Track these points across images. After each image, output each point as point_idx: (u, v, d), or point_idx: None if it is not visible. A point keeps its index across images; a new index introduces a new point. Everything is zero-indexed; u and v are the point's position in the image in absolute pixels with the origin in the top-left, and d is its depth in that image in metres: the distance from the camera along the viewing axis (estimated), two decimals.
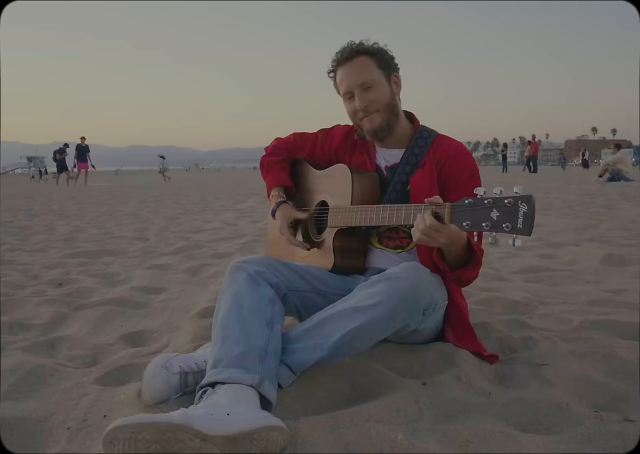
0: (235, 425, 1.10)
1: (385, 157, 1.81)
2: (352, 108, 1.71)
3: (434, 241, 1.38)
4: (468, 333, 1.72)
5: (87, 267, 3.45)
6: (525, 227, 1.21)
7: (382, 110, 1.69)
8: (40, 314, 2.29)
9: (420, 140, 1.76)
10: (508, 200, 1.23)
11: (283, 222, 1.83)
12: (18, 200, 11.92)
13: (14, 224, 6.29)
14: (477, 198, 1.29)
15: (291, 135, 2.03)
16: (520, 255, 3.53)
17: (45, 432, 1.31)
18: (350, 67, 1.69)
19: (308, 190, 1.95)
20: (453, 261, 1.54)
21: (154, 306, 2.45)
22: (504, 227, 1.23)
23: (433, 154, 1.73)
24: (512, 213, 1.22)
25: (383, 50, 1.72)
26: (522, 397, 1.39)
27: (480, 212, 1.27)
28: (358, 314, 1.41)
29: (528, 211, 1.21)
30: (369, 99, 1.67)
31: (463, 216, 1.30)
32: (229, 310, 1.44)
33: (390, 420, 1.28)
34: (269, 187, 1.96)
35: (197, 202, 9.41)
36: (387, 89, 1.70)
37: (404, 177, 1.73)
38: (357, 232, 1.75)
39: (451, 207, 1.33)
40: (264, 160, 2.02)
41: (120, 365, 1.69)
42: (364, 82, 1.66)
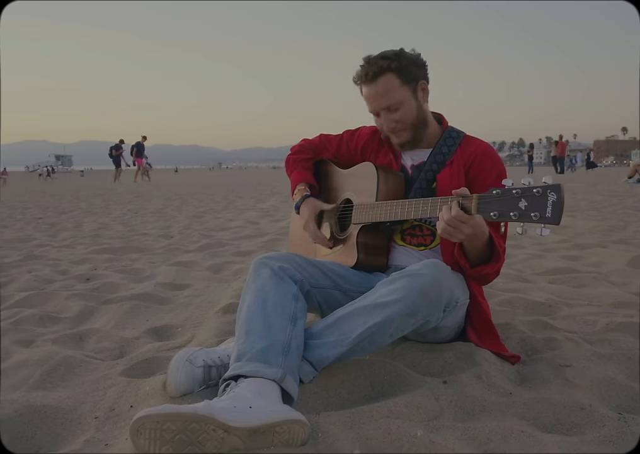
0: (258, 417, 1.12)
1: (412, 156, 1.81)
2: (379, 124, 1.75)
3: (459, 232, 1.38)
4: (490, 332, 1.72)
5: (113, 262, 3.52)
6: (554, 216, 1.22)
7: (408, 128, 1.71)
8: (68, 308, 2.36)
9: (448, 140, 1.76)
10: (536, 189, 1.24)
11: (310, 215, 1.82)
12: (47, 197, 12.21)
13: (44, 221, 6.45)
14: (504, 189, 1.29)
15: (317, 137, 2.05)
16: (544, 256, 3.49)
17: (74, 420, 1.35)
18: (375, 88, 1.66)
19: (332, 188, 1.96)
20: (474, 257, 1.54)
21: (178, 302, 2.49)
22: (533, 216, 1.23)
23: (461, 154, 1.74)
24: (541, 202, 1.23)
25: (409, 59, 1.67)
26: (544, 397, 1.38)
27: (508, 202, 1.28)
28: (378, 310, 1.42)
29: (557, 200, 1.21)
30: (395, 120, 1.69)
31: (490, 206, 1.31)
32: (253, 305, 1.46)
33: (411, 417, 1.29)
34: (294, 183, 1.96)
35: (220, 201, 9.50)
36: (413, 105, 1.69)
37: (431, 175, 1.73)
38: (381, 229, 1.76)
39: (479, 198, 1.34)
40: (290, 158, 2.03)
41: (145, 358, 1.73)
42: (388, 105, 1.67)
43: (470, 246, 1.50)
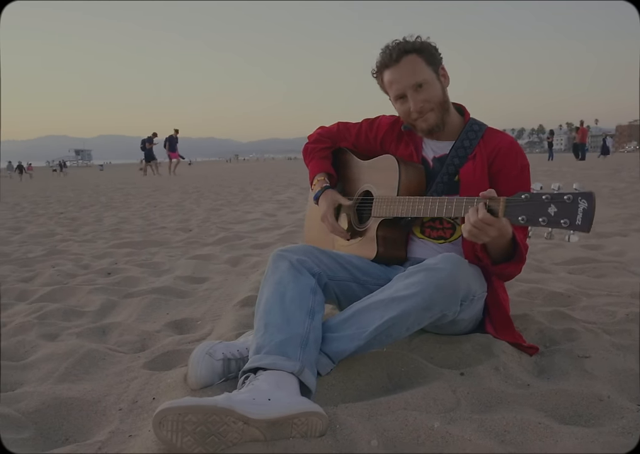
0: (276, 410, 1.14)
1: (433, 148, 1.79)
2: (405, 109, 1.69)
3: (485, 235, 1.37)
4: (507, 326, 1.71)
5: (133, 256, 3.58)
6: (584, 224, 1.20)
7: (435, 109, 1.68)
8: (91, 302, 2.41)
9: (470, 133, 1.74)
10: (567, 196, 1.22)
11: (329, 207, 1.83)
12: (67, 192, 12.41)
13: (65, 216, 6.57)
14: (533, 194, 1.27)
15: (335, 125, 2.03)
16: (564, 246, 3.45)
17: (99, 412, 1.39)
18: (400, 68, 1.65)
19: (351, 179, 1.95)
20: (496, 255, 1.54)
21: (197, 295, 2.53)
22: (562, 223, 1.22)
23: (484, 147, 1.72)
24: (571, 209, 1.21)
25: (428, 44, 1.68)
26: (562, 389, 1.38)
27: (537, 207, 1.26)
28: (394, 304, 1.43)
29: (588, 208, 1.19)
30: (423, 99, 1.65)
31: (518, 211, 1.29)
32: (272, 298, 1.47)
33: (428, 409, 1.30)
34: (313, 173, 1.95)
35: (237, 193, 9.55)
36: (438, 86, 1.68)
37: (452, 169, 1.72)
38: (402, 223, 1.76)
39: (506, 201, 1.32)
40: (308, 146, 2.02)
41: (166, 351, 1.77)
42: (416, 83, 1.64)
43: (493, 244, 1.50)
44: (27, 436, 1.28)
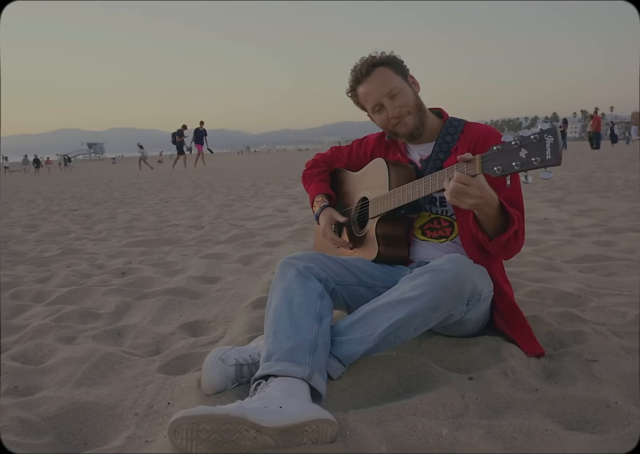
0: (288, 417, 1.18)
1: (418, 151, 1.87)
2: (384, 118, 1.78)
3: (467, 196, 1.39)
4: (516, 317, 1.73)
5: (147, 256, 3.64)
6: (554, 156, 1.25)
7: (412, 112, 1.76)
8: (106, 304, 2.46)
9: (450, 129, 1.81)
10: (533, 136, 1.27)
11: (326, 224, 1.93)
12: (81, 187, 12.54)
13: (79, 212, 6.66)
14: (504, 144, 1.32)
15: (329, 150, 2.18)
16: (575, 242, 3.44)
17: (116, 417, 1.43)
18: (372, 80, 1.75)
19: (348, 192, 2.04)
20: (490, 228, 1.56)
21: (210, 296, 2.57)
22: (534, 161, 1.27)
23: (464, 139, 1.79)
24: (539, 147, 1.26)
25: (394, 56, 1.78)
26: (569, 394, 1.39)
27: (509, 155, 1.31)
28: (401, 306, 1.46)
29: (554, 142, 1.25)
30: (399, 105, 1.74)
31: (493, 163, 1.34)
32: (280, 305, 1.51)
33: (436, 415, 1.32)
34: (312, 196, 2.07)
35: (249, 188, 9.60)
36: (411, 91, 1.78)
37: (438, 164, 1.78)
38: (397, 218, 1.80)
39: (481, 157, 1.37)
40: (306, 173, 2.16)
41: (180, 354, 1.81)
42: (390, 90, 1.73)
43: (483, 216, 1.52)
44: (47, 441, 1.32)
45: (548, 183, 7.45)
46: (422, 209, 1.81)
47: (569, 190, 6.65)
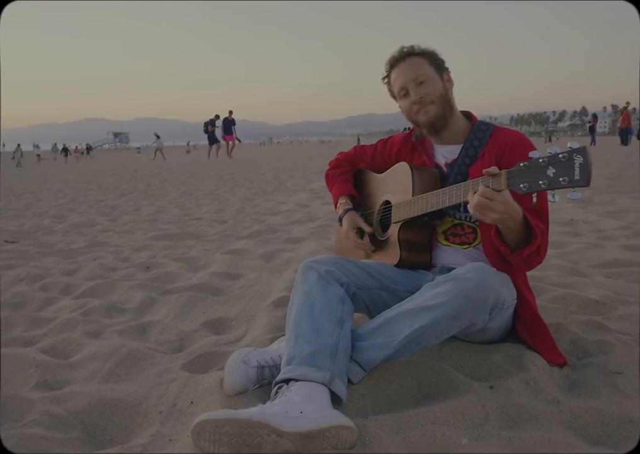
0: (308, 423, 1.19)
1: (444, 154, 1.85)
2: (407, 103, 1.78)
3: (490, 210, 1.38)
4: (538, 326, 1.72)
5: (170, 250, 3.69)
6: (582, 177, 1.23)
7: (436, 102, 1.75)
8: (131, 298, 2.51)
9: (478, 133, 1.79)
10: (562, 155, 1.25)
11: (349, 228, 1.93)
12: (107, 177, 12.74)
13: (105, 204, 6.77)
14: (531, 160, 1.31)
15: (352, 149, 2.16)
16: (602, 246, 3.38)
17: (141, 414, 1.47)
18: (404, 65, 1.77)
19: (372, 194, 2.04)
20: (513, 241, 1.54)
21: (232, 293, 2.60)
22: (562, 181, 1.25)
23: (492, 145, 1.76)
24: (568, 167, 1.24)
25: (434, 51, 1.79)
26: (592, 407, 1.38)
27: (536, 172, 1.29)
28: (423, 313, 1.46)
29: (583, 162, 1.23)
30: (423, 92, 1.74)
31: (519, 179, 1.33)
32: (301, 309, 1.52)
33: (456, 424, 1.32)
34: (335, 197, 2.07)
35: (271, 181, 9.63)
36: (440, 83, 1.77)
37: (464, 169, 1.76)
38: (420, 224, 1.79)
39: (508, 173, 1.35)
40: (329, 173, 2.15)
41: (203, 352, 1.84)
42: (417, 77, 1.74)
43: (506, 229, 1.50)
44: (75, 435, 1.37)
45: None
46: (446, 214, 1.80)
47: (597, 189, 6.51)
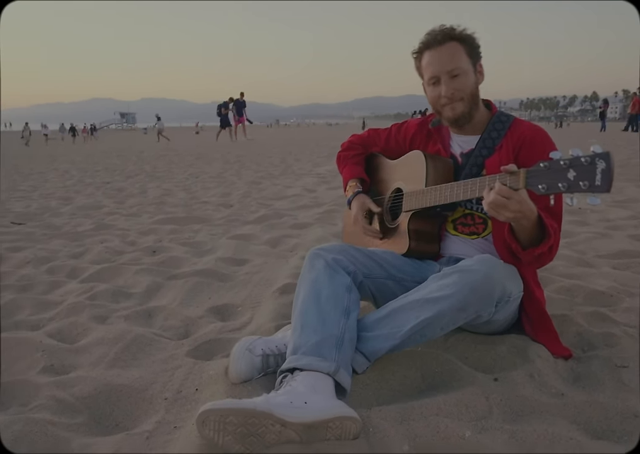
0: (312, 413, 1.20)
1: (460, 144, 1.81)
2: (436, 93, 1.71)
3: (505, 209, 1.37)
4: (544, 322, 1.71)
5: (177, 234, 3.69)
6: (604, 183, 1.20)
7: (465, 99, 1.69)
8: (137, 283, 2.52)
9: (497, 124, 1.75)
10: (584, 158, 1.22)
11: (358, 211, 1.90)
12: (113, 158, 12.73)
13: (112, 186, 6.77)
14: (552, 161, 1.28)
15: (366, 131, 2.11)
16: (610, 236, 3.35)
17: (146, 400, 1.48)
18: (441, 51, 1.67)
19: (383, 180, 2.00)
20: (525, 239, 1.53)
21: (238, 279, 2.60)
22: (582, 185, 1.22)
23: (510, 137, 1.72)
24: (589, 171, 1.21)
25: (473, 38, 1.69)
26: (596, 401, 1.38)
27: (556, 174, 1.27)
28: (429, 305, 1.46)
29: (606, 168, 1.20)
30: (455, 87, 1.67)
31: (538, 180, 1.30)
32: (308, 297, 1.52)
33: (460, 416, 1.33)
34: (345, 180, 2.03)
35: (278, 165, 9.60)
36: (473, 78, 1.70)
37: (480, 160, 1.73)
38: (431, 214, 1.77)
39: (526, 172, 1.33)
40: (341, 154, 2.11)
41: (208, 339, 1.85)
42: (453, 69, 1.65)
43: (519, 227, 1.49)
44: (81, 420, 1.39)
45: None
46: (458, 205, 1.78)
47: None
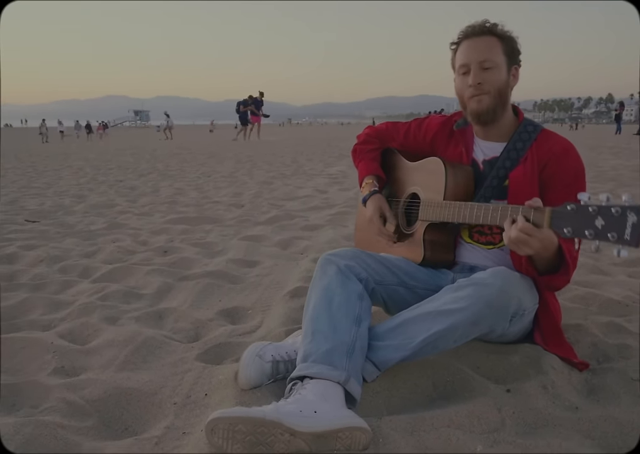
0: (322, 423, 1.19)
1: (484, 149, 1.75)
2: (464, 83, 1.65)
3: (526, 246, 1.34)
4: (557, 336, 1.68)
5: (188, 234, 3.70)
6: (633, 238, 1.16)
7: (492, 93, 1.63)
8: (149, 284, 2.52)
9: (524, 134, 1.69)
10: (615, 208, 1.17)
11: (375, 212, 1.85)
12: (127, 156, 12.81)
13: (124, 184, 6.81)
14: (580, 205, 1.24)
15: (384, 124, 2.03)
16: None
17: (156, 404, 1.47)
18: (477, 42, 1.63)
19: (399, 180, 1.95)
20: (542, 267, 1.51)
21: (248, 281, 2.60)
22: (610, 236, 1.18)
23: (537, 150, 1.67)
24: (619, 222, 1.17)
25: (513, 39, 1.65)
26: (611, 415, 1.35)
27: (583, 219, 1.22)
28: (442, 317, 1.43)
29: (637, 221, 1.15)
30: (484, 78, 1.62)
31: (564, 222, 1.26)
32: (319, 304, 1.51)
33: (471, 428, 1.31)
34: (361, 175, 1.97)
35: (289, 164, 9.60)
36: (505, 75, 1.64)
37: (503, 172, 1.68)
38: (449, 227, 1.74)
39: (552, 212, 1.29)
40: (357, 148, 2.03)
41: (218, 342, 1.84)
42: (485, 60, 1.61)
43: (537, 256, 1.46)
44: (90, 424, 1.38)
45: (599, 173, 7.16)
46: None
47: (621, 181, 6.37)
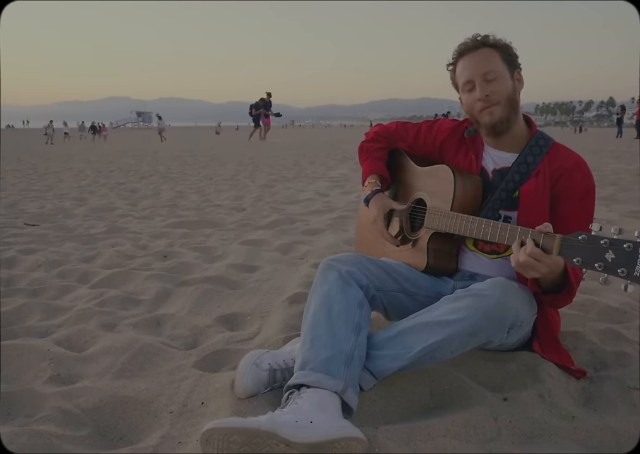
0: (318, 433, 1.18)
1: (495, 159, 1.73)
2: (471, 99, 1.65)
3: (534, 270, 1.35)
4: (555, 345, 1.68)
5: (188, 238, 3.70)
6: None
7: (502, 103, 1.62)
8: (147, 289, 2.52)
9: (535, 148, 1.67)
10: (627, 244, 1.16)
11: (379, 212, 1.81)
12: (128, 158, 12.83)
13: (125, 187, 6.82)
14: (591, 236, 1.23)
15: (393, 124, 1.99)
16: None
17: (152, 413, 1.47)
18: (474, 56, 1.63)
19: (405, 184, 1.92)
20: (546, 286, 1.52)
21: (248, 287, 2.59)
22: (620, 272, 1.17)
23: (548, 164, 1.66)
24: (630, 258, 1.16)
25: (508, 45, 1.66)
26: (608, 425, 1.35)
27: (593, 251, 1.22)
28: (440, 328, 1.43)
29: None
30: (491, 90, 1.61)
31: (573, 251, 1.26)
32: (319, 311, 1.50)
33: (468, 438, 1.30)
34: (365, 174, 1.93)
35: (291, 167, 9.60)
36: (510, 83, 1.63)
37: (512, 185, 1.66)
38: (454, 238, 1.73)
39: (562, 240, 1.29)
40: (363, 145, 2.00)
41: (216, 349, 1.84)
42: (487, 72, 1.60)
43: (543, 278, 1.46)
44: (86, 433, 1.38)
45: (600, 176, 7.15)
46: None
47: (621, 186, 6.36)
